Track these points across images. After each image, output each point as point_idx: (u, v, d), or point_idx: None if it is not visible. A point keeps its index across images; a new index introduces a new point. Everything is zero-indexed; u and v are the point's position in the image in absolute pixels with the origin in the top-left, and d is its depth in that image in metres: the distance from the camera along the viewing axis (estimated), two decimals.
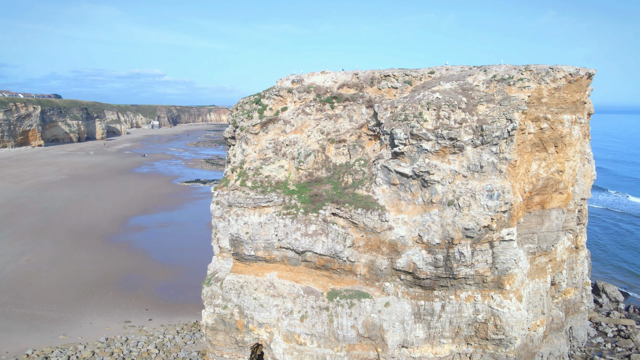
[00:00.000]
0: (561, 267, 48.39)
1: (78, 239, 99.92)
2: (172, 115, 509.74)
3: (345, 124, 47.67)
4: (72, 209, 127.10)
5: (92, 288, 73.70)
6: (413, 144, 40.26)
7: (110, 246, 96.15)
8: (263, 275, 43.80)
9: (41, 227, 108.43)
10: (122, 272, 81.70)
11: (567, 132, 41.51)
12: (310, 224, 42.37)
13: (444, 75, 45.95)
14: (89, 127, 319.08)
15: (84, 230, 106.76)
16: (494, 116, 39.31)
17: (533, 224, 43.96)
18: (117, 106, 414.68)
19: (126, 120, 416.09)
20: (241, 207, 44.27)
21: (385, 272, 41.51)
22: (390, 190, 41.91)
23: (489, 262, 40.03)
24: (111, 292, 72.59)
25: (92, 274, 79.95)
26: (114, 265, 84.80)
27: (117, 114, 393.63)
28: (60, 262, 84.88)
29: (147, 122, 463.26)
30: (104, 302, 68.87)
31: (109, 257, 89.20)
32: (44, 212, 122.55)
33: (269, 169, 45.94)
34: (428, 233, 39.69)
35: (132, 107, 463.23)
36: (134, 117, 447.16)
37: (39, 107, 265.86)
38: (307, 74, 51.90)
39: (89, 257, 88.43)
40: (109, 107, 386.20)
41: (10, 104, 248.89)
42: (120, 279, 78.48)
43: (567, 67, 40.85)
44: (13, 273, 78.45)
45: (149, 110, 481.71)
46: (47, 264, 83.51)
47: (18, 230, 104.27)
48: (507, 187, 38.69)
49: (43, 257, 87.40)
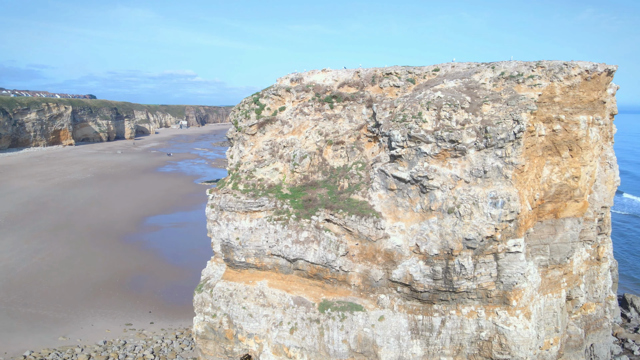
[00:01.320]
0: (578, 281, 44.49)
1: (94, 238, 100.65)
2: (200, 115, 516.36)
3: (344, 124, 45.18)
4: (92, 208, 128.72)
5: (100, 288, 73.52)
6: (411, 146, 37.45)
7: (124, 246, 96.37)
8: (253, 284, 41.80)
9: (60, 225, 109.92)
10: (131, 272, 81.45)
11: (583, 135, 37.81)
12: (302, 230, 40.10)
13: (449, 73, 42.84)
14: (118, 126, 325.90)
15: (100, 229, 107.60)
16: (500, 117, 36.07)
17: (545, 234, 40.37)
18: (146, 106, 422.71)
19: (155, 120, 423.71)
20: (232, 212, 42.39)
21: (381, 283, 38.84)
22: (388, 196, 39.19)
23: (493, 275, 36.84)
24: (117, 293, 72.19)
25: (101, 273, 79.97)
26: (124, 265, 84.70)
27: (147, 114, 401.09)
28: (73, 261, 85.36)
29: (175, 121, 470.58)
30: (108, 303, 68.45)
31: (120, 257, 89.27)
32: (65, 211, 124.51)
33: (262, 172, 43.92)
34: (426, 243, 36.80)
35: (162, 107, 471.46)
36: (163, 116, 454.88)
37: (70, 107, 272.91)
38: (308, 72, 49.61)
39: (101, 257, 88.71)
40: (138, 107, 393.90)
41: (42, 104, 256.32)
42: (129, 279, 78.15)
43: (584, 62, 37.17)
44: (26, 271, 79.24)
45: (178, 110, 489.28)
46: (60, 263, 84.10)
47: (37, 228, 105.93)
48: (513, 194, 35.40)
49: (57, 255, 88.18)
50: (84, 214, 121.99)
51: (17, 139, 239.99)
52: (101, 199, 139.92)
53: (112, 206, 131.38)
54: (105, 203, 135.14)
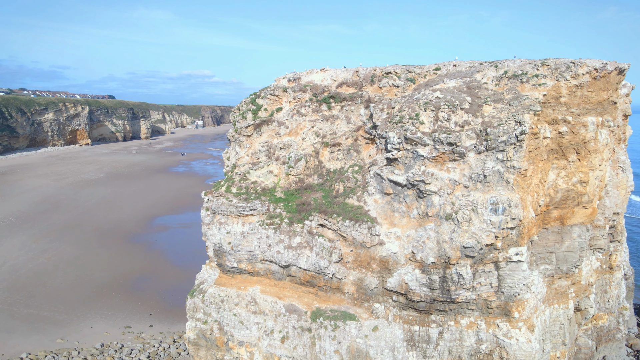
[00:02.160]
0: (588, 292, 42.16)
1: (101, 238, 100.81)
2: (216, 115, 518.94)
3: (342, 126, 43.62)
4: (103, 208, 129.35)
5: (102, 289, 73.22)
6: (408, 149, 35.74)
7: (130, 246, 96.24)
8: (245, 290, 40.55)
9: (70, 225, 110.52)
10: (135, 273, 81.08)
11: (592, 137, 35.61)
12: (294, 235, 38.69)
13: (451, 72, 40.96)
14: (134, 126, 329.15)
15: (109, 229, 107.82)
16: (502, 118, 34.14)
17: (551, 242, 38.24)
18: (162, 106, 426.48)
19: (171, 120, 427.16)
20: (225, 215, 41.22)
21: (376, 291, 37.20)
22: (383, 201, 37.54)
23: (493, 285, 34.91)
24: (119, 295, 71.79)
25: (105, 274, 79.76)
26: (128, 266, 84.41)
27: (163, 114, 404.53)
28: (78, 262, 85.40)
29: (191, 121, 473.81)
30: (110, 304, 68.04)
31: (126, 257, 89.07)
32: (76, 210, 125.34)
33: (256, 175, 42.64)
34: (422, 250, 35.04)
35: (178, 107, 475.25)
36: (179, 117, 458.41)
37: (87, 108, 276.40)
38: (306, 71, 48.23)
39: (106, 257, 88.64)
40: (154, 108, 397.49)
41: (60, 104, 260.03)
42: (132, 280, 77.74)
43: (592, 60, 34.98)
44: (31, 271, 79.47)
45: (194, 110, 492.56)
46: (65, 263, 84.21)
47: (47, 228, 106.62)
48: (515, 200, 33.43)
49: (63, 255, 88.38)
50: (94, 213, 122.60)
51: (34, 139, 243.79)
52: (112, 199, 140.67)
53: (123, 206, 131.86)
54: (116, 203, 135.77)
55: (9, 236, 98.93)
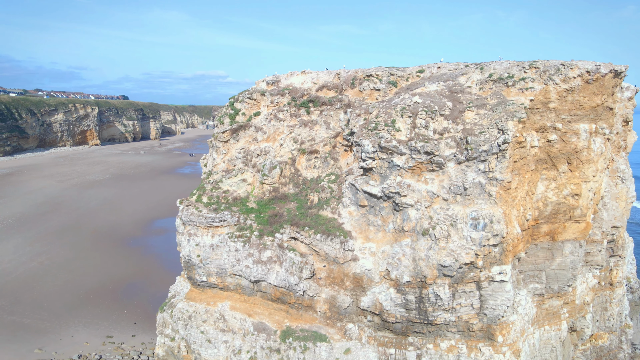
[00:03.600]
0: (584, 311, 39.07)
1: (98, 241, 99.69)
2: None
3: (321, 131, 41.22)
4: (103, 210, 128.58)
5: (90, 295, 71.73)
6: (383, 158, 33.18)
7: (126, 250, 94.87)
8: (215, 305, 38.35)
9: (68, 227, 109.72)
10: (126, 279, 79.52)
11: (584, 146, 32.63)
12: (264, 249, 36.39)
13: (435, 75, 38.25)
14: (144, 127, 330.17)
15: (106, 232, 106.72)
16: (484, 125, 31.41)
17: (540, 259, 35.33)
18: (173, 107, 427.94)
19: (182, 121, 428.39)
20: (194, 226, 39.11)
21: (349, 311, 34.68)
22: (359, 213, 35.01)
23: (475, 306, 32.16)
24: (107, 301, 70.21)
25: (95, 279, 78.31)
26: (121, 271, 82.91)
27: (174, 114, 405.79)
28: (71, 266, 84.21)
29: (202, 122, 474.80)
30: (95, 312, 66.46)
31: (119, 261, 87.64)
32: (76, 212, 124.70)
33: (228, 183, 40.44)
34: (397, 268, 32.44)
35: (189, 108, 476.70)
36: (190, 117, 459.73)
37: (97, 108, 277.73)
38: (286, 74, 45.90)
39: (99, 261, 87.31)
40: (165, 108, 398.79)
41: (69, 105, 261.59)
42: (122, 286, 76.15)
43: (585, 62, 32.02)
44: (22, 275, 78.45)
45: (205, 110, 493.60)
46: (57, 267, 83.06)
47: (44, 230, 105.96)
48: (497, 214, 30.66)
49: (56, 259, 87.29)
50: (93, 215, 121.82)
51: (44, 139, 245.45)
52: (114, 201, 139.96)
53: (123, 208, 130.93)
54: (117, 205, 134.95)
55: (5, 239, 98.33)
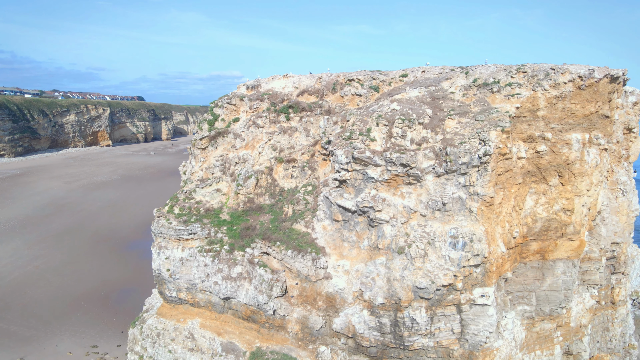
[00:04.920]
0: (580, 334, 36.20)
1: (96, 244, 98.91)
2: None
3: (301, 139, 39.06)
4: (107, 212, 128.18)
5: (81, 302, 70.58)
6: (357, 169, 30.88)
7: (123, 254, 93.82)
8: (184, 322, 36.46)
9: (69, 230, 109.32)
10: (120, 284, 78.27)
11: (577, 158, 29.87)
12: (234, 264, 34.36)
13: (418, 79, 35.76)
14: (155, 127, 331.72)
15: (106, 235, 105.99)
16: (465, 135, 28.91)
17: (530, 280, 32.63)
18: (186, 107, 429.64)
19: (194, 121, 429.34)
20: (165, 239, 37.27)
21: (323, 332, 32.43)
22: (333, 228, 32.76)
23: (455, 331, 29.66)
24: (97, 308, 68.95)
25: (89, 284, 77.23)
26: (115, 275, 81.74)
27: (186, 115, 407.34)
28: (65, 270, 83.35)
29: None
30: (84, 319, 65.21)
31: (115, 266, 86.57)
32: (79, 215, 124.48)
33: (202, 193, 38.53)
34: (371, 288, 30.10)
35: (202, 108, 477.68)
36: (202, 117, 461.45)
37: (108, 109, 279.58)
38: (268, 78, 43.84)
39: (96, 265, 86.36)
40: (177, 109, 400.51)
41: (81, 106, 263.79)
42: (115, 292, 74.89)
43: (577, 67, 29.27)
44: (15, 280, 77.78)
45: None
46: (52, 272, 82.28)
47: (45, 233, 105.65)
48: (478, 232, 28.14)
49: (52, 263, 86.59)
50: (96, 218, 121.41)
51: (56, 140, 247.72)
52: (118, 202, 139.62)
53: (127, 210, 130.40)
54: (121, 207, 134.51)
55: (5, 241, 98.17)
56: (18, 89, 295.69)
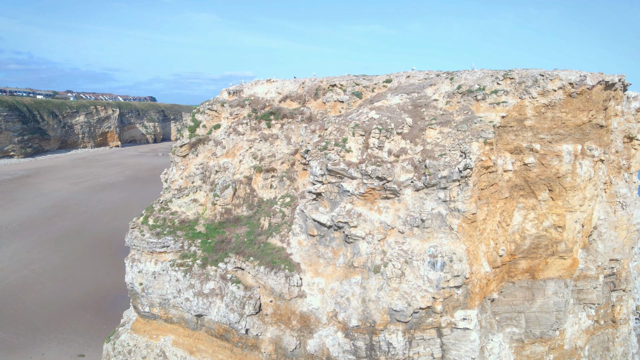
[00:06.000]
0: (575, 356, 33.88)
1: (95, 248, 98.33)
2: None
3: (282, 147, 37.33)
4: (109, 214, 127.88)
5: (73, 308, 69.74)
6: (332, 182, 29.04)
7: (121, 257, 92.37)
8: (157, 339, 34.96)
9: (69, 232, 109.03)
10: (115, 289, 77.26)
11: (568, 170, 27.67)
12: (207, 280, 32.75)
13: (402, 85, 33.80)
14: (165, 128, 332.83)
15: (106, 238, 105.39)
16: (445, 146, 26.91)
17: (518, 300, 30.48)
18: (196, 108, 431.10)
19: None
20: (138, 251, 35.83)
21: (297, 353, 30.65)
22: (309, 243, 30.96)
23: (436, 356, 27.68)
24: (89, 314, 68.07)
25: (84, 290, 76.46)
26: (111, 280, 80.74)
27: None
28: (61, 275, 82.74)
29: None
30: (74, 326, 64.33)
31: (112, 270, 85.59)
32: (82, 217, 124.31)
33: (178, 204, 37.00)
34: (345, 309, 28.25)
35: None
36: None
37: (118, 110, 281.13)
38: (251, 83, 42.19)
39: (92, 270, 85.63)
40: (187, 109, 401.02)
41: (91, 107, 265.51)
42: (109, 297, 73.98)
43: (567, 72, 27.07)
44: (10, 285, 77.30)
45: None
46: (48, 276, 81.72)
47: (45, 236, 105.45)
48: (459, 252, 26.13)
49: (49, 267, 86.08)
50: (98, 220, 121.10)
51: (65, 141, 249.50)
52: (121, 205, 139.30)
53: (129, 212, 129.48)
54: (124, 209, 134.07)
55: (5, 244, 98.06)
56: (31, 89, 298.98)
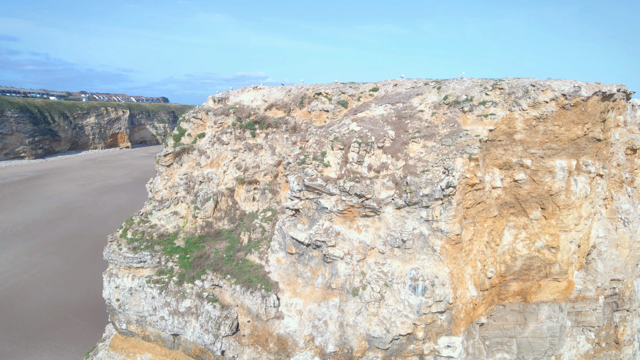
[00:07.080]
0: None
1: (96, 252, 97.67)
2: None
3: (267, 157, 35.87)
4: (114, 217, 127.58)
5: (69, 315, 69.07)
6: (310, 198, 27.47)
7: None
8: (134, 358, 33.73)
9: (72, 235, 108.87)
10: None
11: (561, 187, 25.73)
12: (183, 298, 31.39)
13: (389, 94, 32.07)
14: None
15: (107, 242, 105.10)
16: (429, 162, 25.17)
17: (510, 324, 28.59)
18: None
19: None
20: (116, 266, 34.67)
21: None
22: (287, 261, 29.42)
23: None
24: (84, 321, 67.30)
25: (81, 295, 75.84)
26: None
27: None
28: (61, 279, 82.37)
29: None
30: (69, 333, 63.56)
31: None
32: (86, 219, 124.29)
33: (158, 216, 35.75)
34: (322, 334, 26.66)
35: None
36: None
37: (128, 111, 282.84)
38: (237, 90, 40.78)
39: (91, 274, 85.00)
40: None
41: (101, 108, 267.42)
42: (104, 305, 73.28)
43: (561, 82, 25.14)
44: (9, 290, 77.07)
45: None
46: (47, 281, 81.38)
47: (48, 239, 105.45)
48: (442, 275, 24.38)
49: (49, 271, 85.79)
50: (101, 223, 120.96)
51: (76, 142, 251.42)
52: (127, 207, 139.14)
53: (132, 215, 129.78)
54: (129, 211, 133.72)
55: (7, 247, 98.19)
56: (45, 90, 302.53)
